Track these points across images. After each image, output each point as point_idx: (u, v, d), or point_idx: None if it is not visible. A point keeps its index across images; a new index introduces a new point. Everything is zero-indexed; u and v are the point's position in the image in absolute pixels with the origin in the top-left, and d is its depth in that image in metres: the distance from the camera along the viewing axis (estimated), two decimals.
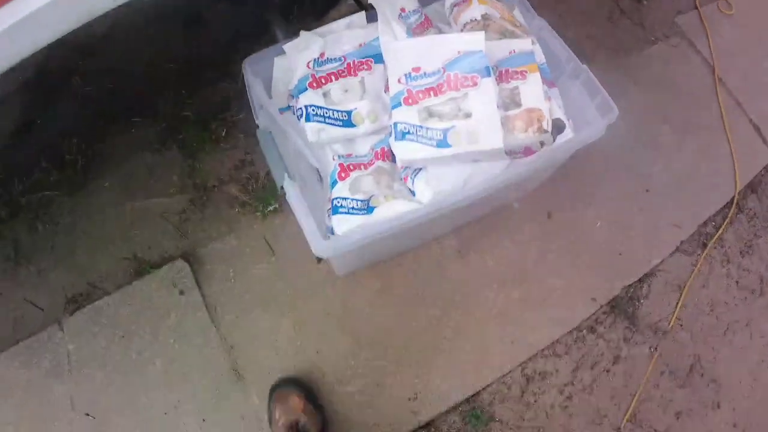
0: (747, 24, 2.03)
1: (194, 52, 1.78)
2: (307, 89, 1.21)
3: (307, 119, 1.20)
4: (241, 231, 1.58)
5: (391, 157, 1.21)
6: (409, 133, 1.12)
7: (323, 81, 1.22)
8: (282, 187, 1.18)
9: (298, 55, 1.24)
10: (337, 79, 1.22)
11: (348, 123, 1.21)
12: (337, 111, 1.20)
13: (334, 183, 1.20)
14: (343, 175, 1.19)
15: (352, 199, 1.17)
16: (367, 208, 1.17)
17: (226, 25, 1.81)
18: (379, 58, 1.22)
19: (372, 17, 1.28)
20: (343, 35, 1.26)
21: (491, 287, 1.57)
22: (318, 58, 1.23)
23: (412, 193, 1.19)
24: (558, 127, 1.25)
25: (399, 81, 1.15)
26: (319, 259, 1.55)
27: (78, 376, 1.46)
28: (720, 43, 1.95)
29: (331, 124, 1.20)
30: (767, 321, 1.66)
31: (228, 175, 1.64)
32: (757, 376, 1.62)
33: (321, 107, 1.20)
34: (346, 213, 1.17)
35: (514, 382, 1.52)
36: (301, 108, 1.21)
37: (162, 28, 1.80)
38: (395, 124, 1.13)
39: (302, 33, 1.26)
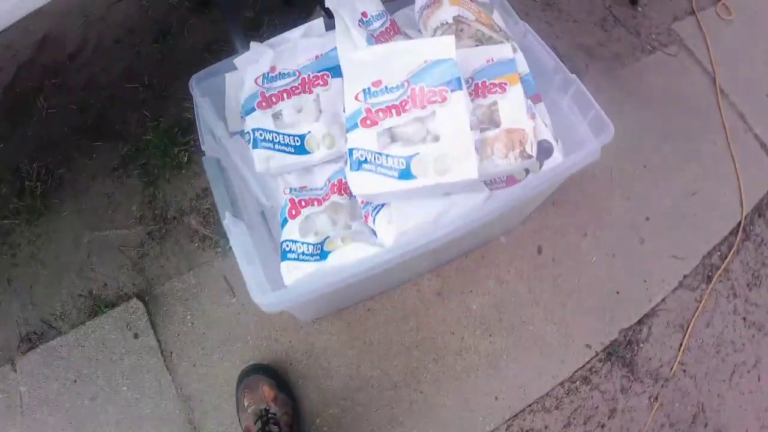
0: (747, 30, 1.71)
1: (161, 71, 1.52)
2: (255, 110, 0.93)
3: (255, 145, 0.92)
4: (200, 269, 1.29)
5: (349, 190, 0.91)
6: (366, 161, 0.83)
7: (274, 100, 0.94)
8: (225, 224, 0.90)
9: (246, 69, 0.96)
10: (289, 96, 0.94)
11: (301, 149, 0.92)
12: (289, 135, 0.92)
13: (284, 222, 0.91)
14: (293, 212, 0.90)
15: (303, 243, 0.87)
16: (321, 253, 0.87)
17: (196, 40, 1.56)
18: (336, 72, 0.94)
19: (331, 24, 0.99)
20: (298, 45, 0.97)
21: (474, 334, 1.25)
22: (268, 73, 0.95)
23: (374, 233, 0.90)
24: (545, 150, 0.95)
25: (356, 98, 0.86)
26: None
27: (30, 421, 1.20)
28: (720, 51, 1.63)
29: (281, 150, 0.91)
30: None
31: (189, 205, 1.35)
32: (765, 422, 1.29)
33: (270, 131, 0.91)
34: (296, 259, 0.87)
35: None
36: (249, 132, 0.93)
37: (132, 43, 1.56)
38: (351, 150, 0.84)
39: (252, 44, 0.98)
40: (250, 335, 1.25)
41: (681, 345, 1.29)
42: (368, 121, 0.84)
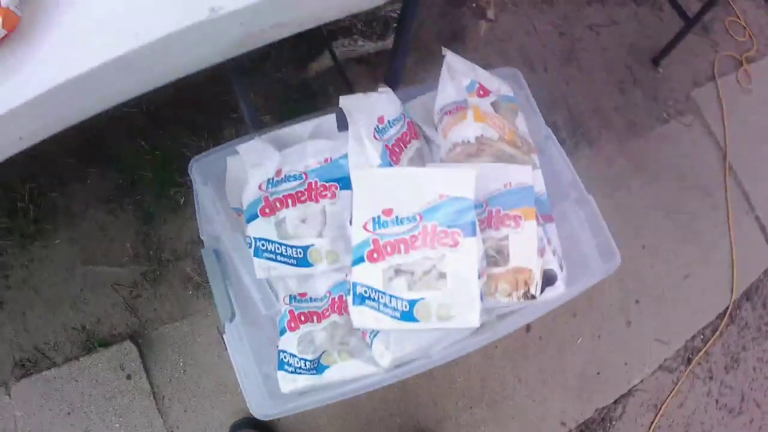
0: (765, 101, 1.67)
1: (163, 96, 1.44)
2: (258, 216, 0.90)
3: (256, 254, 0.89)
4: (193, 317, 1.30)
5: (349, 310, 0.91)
6: (369, 298, 0.82)
7: (278, 205, 0.90)
8: (226, 338, 0.91)
9: (250, 171, 0.92)
10: (294, 204, 0.90)
11: (303, 261, 0.90)
12: (292, 247, 0.89)
13: (283, 330, 0.92)
14: (292, 324, 0.90)
15: (300, 359, 0.88)
16: (317, 367, 0.89)
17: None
18: (345, 183, 0.90)
19: (343, 121, 0.94)
20: (306, 147, 0.93)
21: (456, 406, 1.29)
22: (273, 177, 0.91)
23: (370, 347, 0.91)
24: (548, 279, 0.95)
25: (365, 227, 0.83)
26: None
27: None
28: (735, 124, 1.60)
29: (283, 262, 0.89)
30: None
31: (184, 249, 1.34)
32: None
33: (272, 242, 0.89)
34: (292, 372, 0.89)
35: None
36: (250, 239, 0.90)
37: None
38: (354, 284, 0.83)
39: (257, 139, 0.93)
40: (240, 387, 1.28)
41: (652, 424, 1.36)
42: (375, 255, 0.82)
